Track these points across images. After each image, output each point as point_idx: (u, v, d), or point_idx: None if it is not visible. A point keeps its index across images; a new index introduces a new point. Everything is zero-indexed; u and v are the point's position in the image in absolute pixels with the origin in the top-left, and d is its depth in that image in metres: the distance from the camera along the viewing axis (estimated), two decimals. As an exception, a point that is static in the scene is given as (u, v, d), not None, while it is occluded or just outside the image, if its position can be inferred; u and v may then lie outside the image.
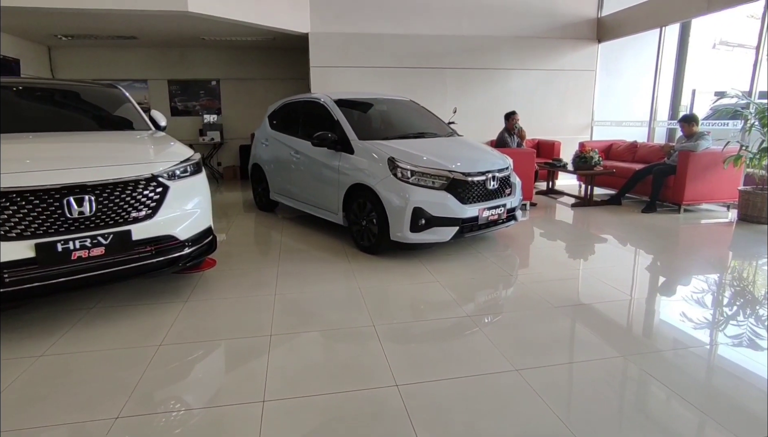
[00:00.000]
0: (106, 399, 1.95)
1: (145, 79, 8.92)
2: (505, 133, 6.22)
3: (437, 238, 3.70)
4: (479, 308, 2.92)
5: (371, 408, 1.90)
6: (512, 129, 6.25)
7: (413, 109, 5.15)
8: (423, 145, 4.22)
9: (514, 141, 6.22)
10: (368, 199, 3.89)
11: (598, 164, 5.95)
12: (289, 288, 3.25)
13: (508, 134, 6.22)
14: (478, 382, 2.07)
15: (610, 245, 4.47)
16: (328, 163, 4.34)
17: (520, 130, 6.11)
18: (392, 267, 3.68)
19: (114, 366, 2.22)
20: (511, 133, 6.24)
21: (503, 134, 6.21)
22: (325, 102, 4.66)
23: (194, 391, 2.04)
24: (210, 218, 3.28)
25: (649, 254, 4.16)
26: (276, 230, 5.00)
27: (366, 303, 2.96)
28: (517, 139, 6.25)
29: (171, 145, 3.27)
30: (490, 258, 3.96)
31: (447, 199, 3.65)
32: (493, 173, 3.90)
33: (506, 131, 6.25)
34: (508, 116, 6.27)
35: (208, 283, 3.37)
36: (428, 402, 1.93)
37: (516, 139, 6.25)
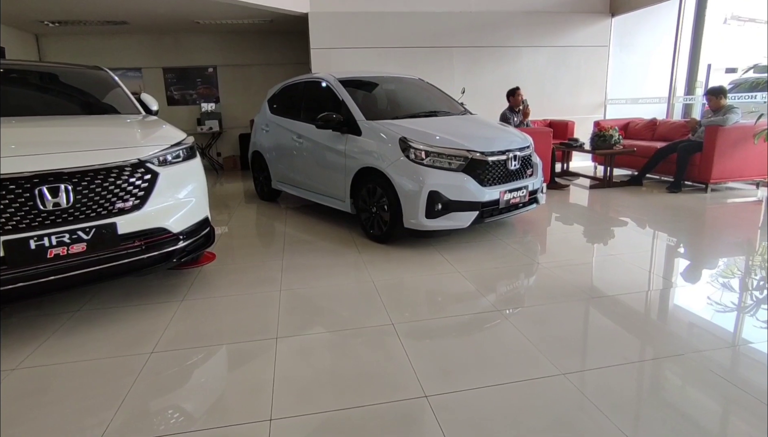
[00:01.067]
0: (86, 420, 1.67)
1: (139, 67, 8.57)
2: (507, 111, 5.84)
3: (456, 224, 3.39)
4: (507, 300, 2.62)
5: (397, 426, 1.61)
6: (517, 106, 5.85)
7: (422, 87, 4.81)
8: (435, 123, 3.89)
9: (517, 118, 5.83)
10: (378, 184, 3.58)
11: (618, 143, 5.60)
12: (295, 283, 2.95)
13: (510, 111, 5.84)
14: (520, 390, 1.77)
15: (638, 229, 4.15)
16: (334, 147, 4.02)
17: (525, 106, 5.73)
18: (406, 257, 3.38)
19: (97, 379, 1.93)
20: (514, 110, 5.85)
21: (505, 113, 5.84)
22: (329, 81, 4.32)
23: (189, 409, 1.75)
24: (206, 208, 2.97)
25: (681, 237, 3.84)
26: (279, 221, 4.70)
27: (381, 298, 2.67)
28: (520, 117, 5.86)
29: (162, 127, 2.96)
30: (511, 244, 3.65)
31: (465, 181, 3.33)
32: (513, 152, 3.57)
33: (509, 110, 5.87)
34: (509, 95, 5.87)
35: (207, 279, 3.08)
36: (465, 415, 1.64)
37: (518, 116, 5.85)
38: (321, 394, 1.78)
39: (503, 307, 2.51)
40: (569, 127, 7.25)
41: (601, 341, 2.14)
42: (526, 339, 2.15)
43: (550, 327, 2.28)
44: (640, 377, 1.86)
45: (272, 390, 1.81)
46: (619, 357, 2.00)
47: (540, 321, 2.34)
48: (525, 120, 5.80)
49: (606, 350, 2.05)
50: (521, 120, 5.81)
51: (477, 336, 2.23)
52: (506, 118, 5.76)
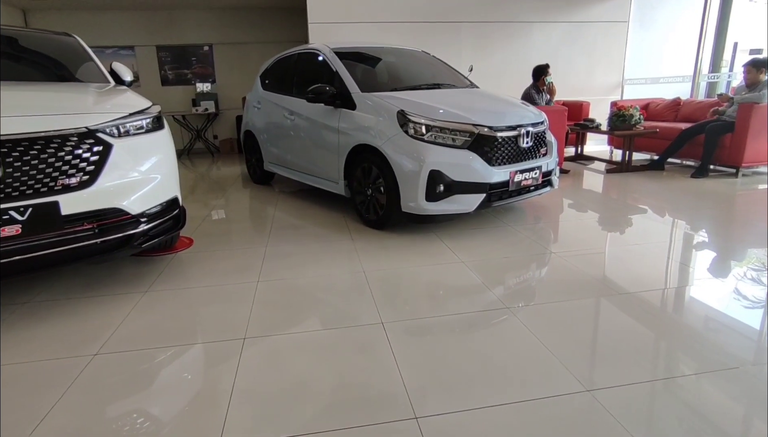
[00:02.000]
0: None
1: (132, 45, 8.20)
2: (532, 90, 5.41)
3: (459, 208, 3.02)
4: (518, 295, 2.25)
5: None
6: (542, 87, 5.43)
7: (425, 60, 4.40)
8: (438, 96, 3.50)
9: (543, 98, 5.41)
10: (374, 163, 3.20)
11: (639, 123, 5.16)
12: (276, 273, 2.60)
13: (536, 91, 5.41)
14: (535, 412, 1.41)
15: (661, 218, 3.74)
16: (326, 123, 3.65)
17: (550, 84, 5.29)
18: (404, 245, 3.02)
19: (19, 389, 1.61)
20: (540, 91, 5.43)
21: (530, 91, 5.40)
22: (323, 52, 3.93)
23: (116, 432, 1.41)
24: (176, 186, 2.62)
25: (710, 226, 3.43)
26: (270, 204, 4.35)
27: (372, 292, 2.31)
28: (547, 97, 5.44)
29: (122, 94, 2.60)
30: (522, 231, 3.28)
31: (471, 159, 2.95)
32: (525, 128, 3.17)
33: (533, 88, 5.44)
34: (540, 73, 5.40)
35: (180, 267, 2.75)
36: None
37: (545, 96, 5.44)
38: (286, 412, 1.44)
39: (513, 303, 2.14)
40: (584, 108, 6.80)
41: (634, 348, 1.78)
42: (541, 343, 1.79)
43: (570, 329, 1.92)
44: (689, 397, 1.49)
45: (228, 406, 1.47)
46: (657, 369, 1.63)
47: (557, 322, 1.98)
48: (552, 99, 5.37)
49: (639, 360, 1.69)
50: (548, 100, 5.38)
51: (482, 339, 1.87)
52: (530, 99, 5.32)
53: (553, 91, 5.30)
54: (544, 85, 5.33)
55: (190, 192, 5.15)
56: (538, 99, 5.34)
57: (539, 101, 5.33)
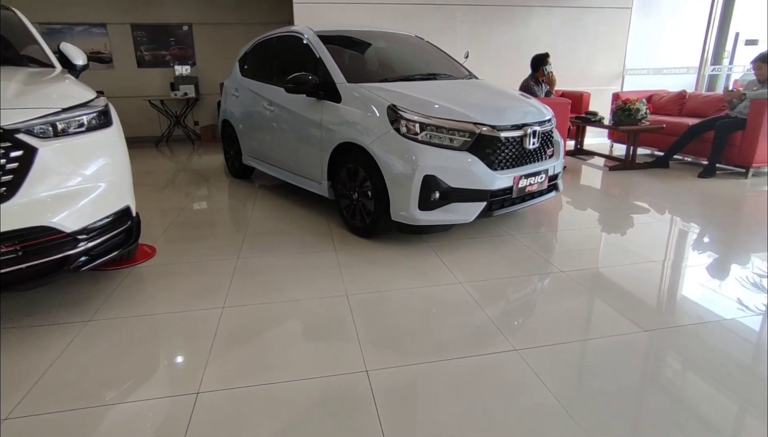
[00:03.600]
0: None
1: (104, 23, 7.62)
2: (531, 82, 5.05)
3: (457, 218, 2.68)
4: (529, 333, 1.92)
5: None
6: (542, 78, 5.07)
7: (419, 46, 4.01)
8: (434, 88, 3.12)
9: (542, 90, 5.06)
10: (361, 164, 2.84)
11: (645, 118, 4.84)
12: (246, 296, 2.25)
13: (534, 83, 5.04)
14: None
15: (675, 223, 3.44)
16: (308, 116, 3.26)
17: (550, 75, 4.93)
18: (394, 259, 2.68)
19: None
20: (539, 82, 5.07)
21: (528, 82, 5.04)
22: (306, 36, 3.52)
23: None
24: (128, 194, 2.24)
25: (733, 236, 3.14)
26: (248, 203, 3.97)
27: (355, 324, 1.97)
28: (546, 87, 5.09)
29: (58, 83, 2.19)
30: (523, 241, 2.95)
31: (471, 163, 2.60)
32: (532, 127, 2.82)
33: (533, 79, 5.08)
34: (539, 63, 5.02)
35: (135, 286, 2.38)
36: None
37: (544, 87, 5.08)
38: None
39: (523, 344, 1.82)
40: (584, 99, 6.47)
41: (683, 409, 1.47)
42: (563, 409, 1.47)
43: (598, 384, 1.60)
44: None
45: (162, 506, 1.13)
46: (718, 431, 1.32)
47: (582, 375, 1.66)
48: (552, 89, 5.02)
49: (690, 422, 1.38)
50: (548, 91, 5.03)
51: (487, 399, 1.54)
52: (529, 90, 4.96)
53: (552, 82, 4.96)
54: (544, 75, 4.97)
55: (162, 188, 4.73)
56: (538, 90, 4.99)
57: (539, 93, 4.98)
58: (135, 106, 7.92)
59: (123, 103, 7.93)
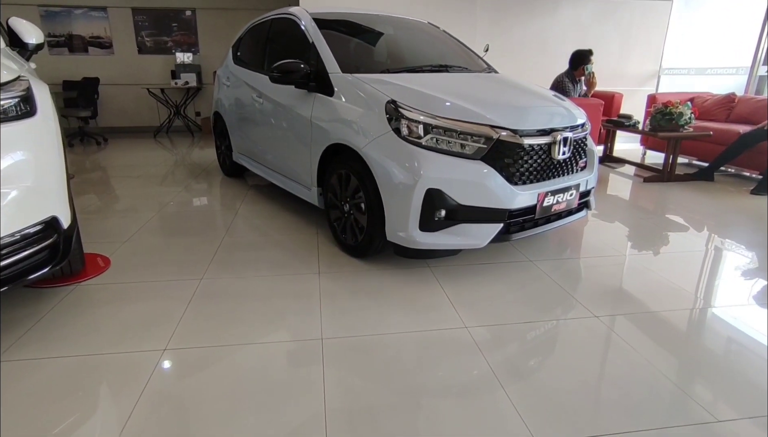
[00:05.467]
0: None
1: (104, 6, 7.26)
2: (566, 79, 4.48)
3: (466, 243, 2.18)
4: (565, 418, 1.43)
5: None
6: (579, 77, 4.51)
7: (432, 34, 3.50)
8: (445, 82, 2.62)
9: (578, 91, 4.50)
10: (353, 171, 2.36)
11: (689, 123, 4.26)
12: (195, 334, 1.80)
13: (570, 81, 4.48)
14: None
15: (731, 252, 2.90)
16: (297, 111, 2.80)
17: (591, 75, 4.36)
18: (387, 287, 2.20)
19: None
20: (576, 81, 4.50)
21: (563, 80, 4.48)
22: (300, 18, 3.05)
23: None
24: (57, 202, 1.80)
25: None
26: (233, 206, 3.53)
27: (325, 387, 1.50)
28: (583, 89, 4.53)
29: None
30: (545, 269, 2.45)
31: (486, 175, 2.10)
32: (562, 132, 2.30)
33: (568, 76, 4.52)
34: (580, 60, 4.43)
35: (69, 312, 1.95)
36: None
37: (581, 88, 4.51)
38: None
39: (544, 430, 1.33)
40: (615, 100, 5.87)
41: None
42: None
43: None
44: None
45: None
46: None
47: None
48: (590, 92, 4.47)
49: None
50: (585, 93, 4.48)
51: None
52: (563, 89, 4.42)
53: (592, 84, 4.40)
54: (583, 74, 4.41)
55: (146, 184, 4.32)
56: (573, 91, 4.43)
57: (572, 94, 4.43)
58: (134, 94, 7.57)
59: (121, 90, 7.59)
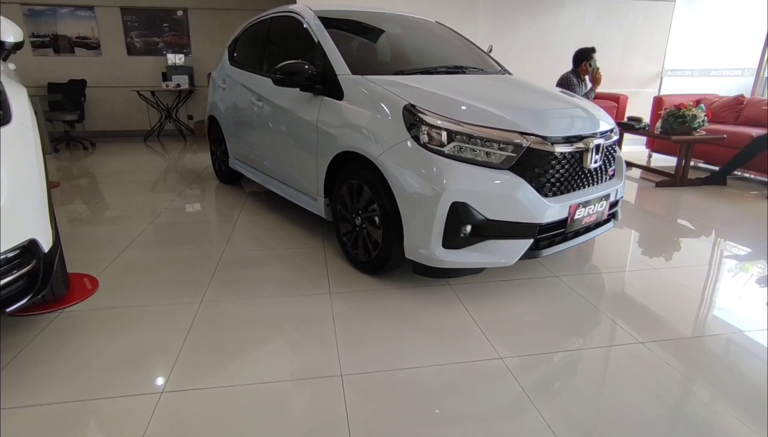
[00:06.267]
0: None
1: (91, 5, 6.98)
2: (572, 76, 4.35)
3: (493, 261, 1.99)
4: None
5: None
6: (584, 74, 4.38)
7: (442, 34, 3.32)
8: (463, 85, 2.44)
9: (583, 88, 4.36)
10: (366, 181, 2.17)
11: (702, 126, 4.13)
12: (197, 372, 1.58)
13: (576, 78, 4.34)
14: None
15: (750, 256, 2.75)
16: (302, 115, 2.60)
17: (595, 70, 4.22)
18: (406, 310, 2.00)
19: None
20: (581, 78, 4.37)
21: (569, 77, 4.34)
22: (303, 17, 2.85)
23: None
24: (35, 222, 1.59)
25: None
26: (230, 216, 3.31)
27: (351, 432, 1.31)
28: (587, 86, 4.39)
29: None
30: (573, 284, 2.28)
31: (515, 186, 1.91)
32: (594, 139, 2.13)
33: (573, 74, 4.38)
34: (583, 57, 4.31)
35: (47, 346, 1.73)
36: None
37: (585, 85, 4.38)
38: None
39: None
40: (621, 102, 5.75)
41: None
42: None
43: None
44: None
45: None
46: None
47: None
48: (596, 87, 4.31)
49: None
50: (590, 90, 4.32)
51: None
52: (569, 87, 4.29)
53: (597, 80, 4.25)
54: (587, 71, 4.27)
55: (137, 192, 4.08)
56: (578, 88, 4.29)
57: (578, 91, 4.29)
58: (123, 97, 7.30)
59: (110, 93, 7.32)
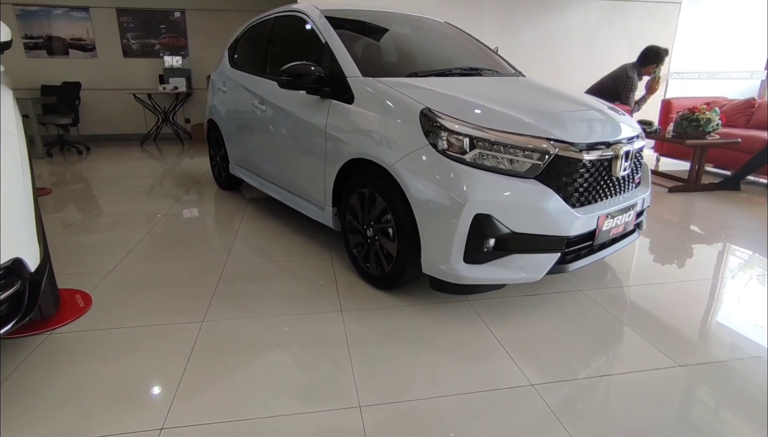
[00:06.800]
0: None
1: (86, 6, 6.83)
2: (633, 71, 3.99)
3: (517, 277, 1.85)
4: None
5: None
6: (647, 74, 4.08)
7: (453, 34, 3.19)
8: (480, 88, 2.30)
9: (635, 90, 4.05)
10: (379, 190, 2.03)
11: (716, 130, 4.02)
12: (199, 404, 1.44)
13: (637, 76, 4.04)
14: None
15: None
16: (308, 119, 2.46)
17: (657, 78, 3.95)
18: (424, 329, 1.86)
19: None
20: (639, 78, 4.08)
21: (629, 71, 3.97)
22: (309, 17, 2.71)
23: None
24: (24, 236, 1.44)
25: None
26: (231, 225, 3.17)
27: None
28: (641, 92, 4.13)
29: None
30: (597, 298, 2.15)
31: (542, 196, 1.78)
32: (623, 145, 2.00)
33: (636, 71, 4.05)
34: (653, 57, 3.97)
35: (37, 371, 1.58)
36: None
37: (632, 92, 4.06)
38: None
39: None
40: (628, 105, 5.63)
41: None
42: None
43: None
44: None
45: None
46: None
47: None
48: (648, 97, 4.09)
49: None
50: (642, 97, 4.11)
51: None
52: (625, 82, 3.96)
53: (654, 89, 3.99)
54: (650, 74, 3.99)
55: (133, 199, 3.93)
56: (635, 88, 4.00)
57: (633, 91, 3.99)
58: (118, 100, 7.15)
59: (105, 95, 7.17)
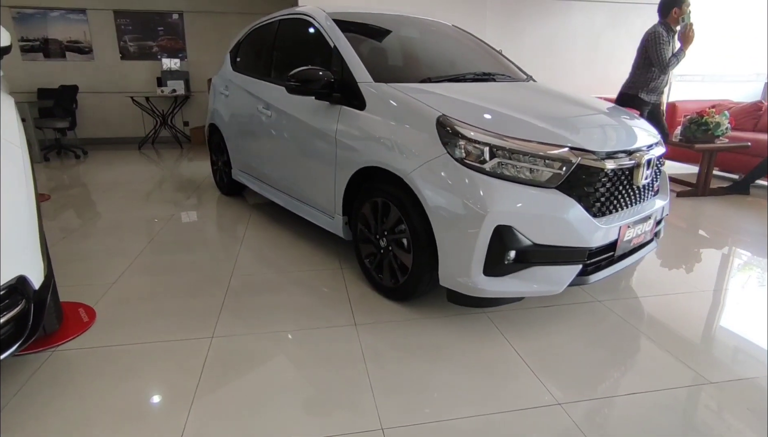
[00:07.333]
0: None
1: (83, 8, 6.74)
2: (660, 28, 3.56)
3: (539, 289, 1.79)
4: None
5: None
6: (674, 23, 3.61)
7: (461, 39, 3.13)
8: (495, 94, 2.24)
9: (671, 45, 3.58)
10: (393, 200, 1.97)
11: (725, 133, 3.98)
12: (219, 432, 1.37)
13: (666, 31, 3.58)
14: None
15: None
16: (317, 126, 2.39)
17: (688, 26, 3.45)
18: (443, 343, 1.80)
19: None
20: (671, 31, 3.62)
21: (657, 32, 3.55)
22: (315, 19, 2.65)
23: None
24: (28, 251, 1.37)
25: None
26: (236, 233, 3.10)
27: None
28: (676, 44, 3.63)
29: None
30: (616, 309, 2.10)
31: (564, 206, 1.72)
32: (645, 153, 1.94)
33: (662, 26, 3.62)
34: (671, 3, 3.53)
35: (40, 393, 1.50)
36: None
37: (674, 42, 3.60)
38: None
39: None
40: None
41: None
42: None
43: None
44: None
45: None
46: None
47: None
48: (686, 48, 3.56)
49: None
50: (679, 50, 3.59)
51: None
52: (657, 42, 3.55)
53: (689, 38, 3.48)
54: (677, 21, 3.53)
55: (132, 205, 3.85)
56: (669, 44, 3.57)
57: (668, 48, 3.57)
58: (116, 103, 7.06)
59: (103, 99, 7.08)
